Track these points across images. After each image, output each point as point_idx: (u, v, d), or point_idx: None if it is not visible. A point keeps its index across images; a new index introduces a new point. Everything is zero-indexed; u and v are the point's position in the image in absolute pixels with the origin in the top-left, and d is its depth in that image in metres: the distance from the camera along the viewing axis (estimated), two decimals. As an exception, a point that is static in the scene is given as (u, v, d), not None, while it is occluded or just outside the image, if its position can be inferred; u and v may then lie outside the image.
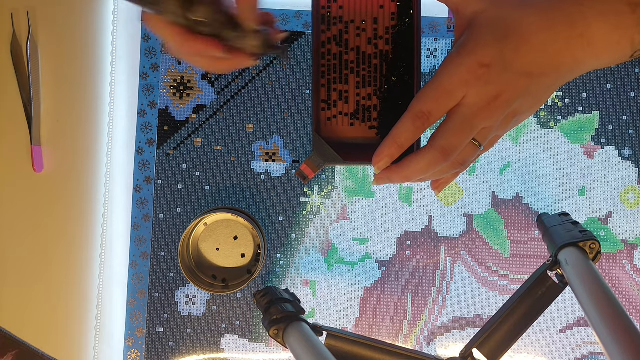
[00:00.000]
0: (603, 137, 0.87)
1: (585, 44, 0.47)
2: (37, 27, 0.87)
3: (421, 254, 0.87)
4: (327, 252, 0.87)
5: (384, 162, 0.50)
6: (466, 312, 0.87)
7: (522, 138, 0.87)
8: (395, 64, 0.53)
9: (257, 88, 0.87)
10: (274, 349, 0.87)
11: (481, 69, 0.47)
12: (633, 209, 0.86)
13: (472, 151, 0.50)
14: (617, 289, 0.86)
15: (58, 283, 0.88)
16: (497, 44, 0.47)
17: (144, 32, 0.88)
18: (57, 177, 0.88)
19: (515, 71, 0.47)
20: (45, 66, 0.88)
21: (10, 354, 0.60)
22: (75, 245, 0.88)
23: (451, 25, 0.87)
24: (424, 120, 0.48)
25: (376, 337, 0.86)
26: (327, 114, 0.54)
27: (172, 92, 0.88)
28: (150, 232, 0.87)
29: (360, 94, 0.54)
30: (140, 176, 0.87)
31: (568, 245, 0.66)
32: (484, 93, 0.47)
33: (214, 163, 0.87)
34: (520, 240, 0.87)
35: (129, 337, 0.87)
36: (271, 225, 0.87)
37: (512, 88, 0.47)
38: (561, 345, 0.86)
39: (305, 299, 0.87)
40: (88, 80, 0.88)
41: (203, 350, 0.87)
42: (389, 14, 0.53)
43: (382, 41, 0.53)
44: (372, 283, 0.87)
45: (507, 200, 0.87)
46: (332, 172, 0.87)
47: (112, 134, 0.87)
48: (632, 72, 0.87)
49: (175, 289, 0.87)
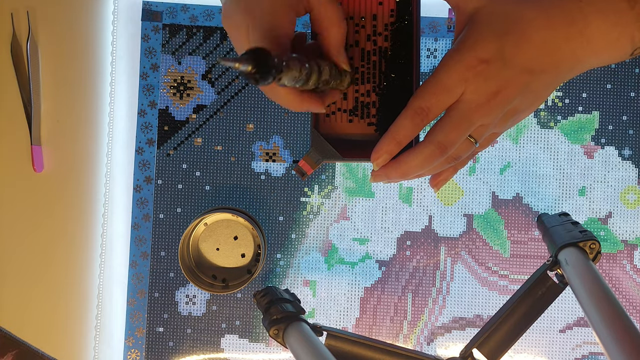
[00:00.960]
0: (603, 137, 0.87)
1: (584, 41, 0.47)
2: (37, 27, 0.88)
3: (421, 254, 0.87)
4: (327, 252, 0.87)
5: (382, 158, 0.50)
6: (466, 312, 0.87)
7: (522, 138, 0.87)
8: (394, 61, 0.53)
9: (257, 88, 0.87)
10: (274, 349, 0.87)
11: (481, 65, 0.47)
12: (633, 209, 0.86)
13: (467, 147, 0.50)
14: (617, 289, 0.86)
15: (58, 283, 0.88)
16: (497, 40, 0.47)
17: (144, 32, 0.88)
18: (57, 177, 0.88)
19: (515, 67, 0.47)
20: (45, 66, 0.88)
21: (10, 354, 0.60)
22: (75, 245, 0.88)
23: (451, 25, 0.87)
24: (423, 116, 0.48)
25: (376, 337, 0.86)
26: (326, 110, 0.54)
27: (172, 92, 0.88)
28: (150, 232, 0.87)
29: (359, 90, 0.54)
30: (140, 176, 0.87)
31: (568, 245, 0.66)
32: (483, 89, 0.47)
33: (214, 163, 0.87)
34: (520, 240, 0.87)
35: (129, 337, 0.87)
36: (271, 225, 0.87)
37: (511, 84, 0.47)
38: (561, 345, 0.86)
39: (305, 299, 0.87)
40: (88, 80, 0.88)
41: (203, 350, 0.87)
42: (388, 11, 0.53)
43: (381, 38, 0.53)
44: (372, 283, 0.87)
45: (507, 200, 0.87)
46: (332, 172, 0.87)
47: (112, 134, 0.87)
48: (632, 72, 0.87)
49: (175, 289, 0.87)
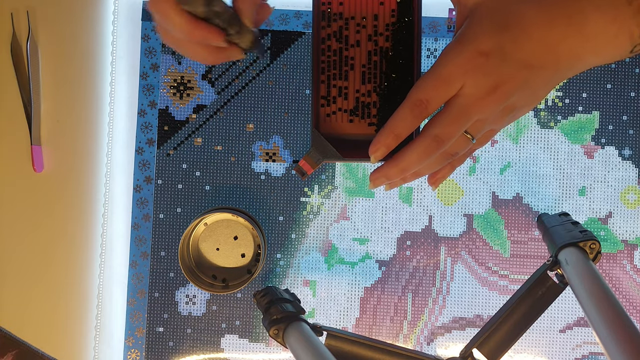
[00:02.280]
0: (603, 137, 0.87)
1: (583, 38, 0.47)
2: (37, 27, 0.88)
3: (421, 254, 0.87)
4: (327, 252, 0.87)
5: (380, 151, 0.50)
6: (466, 312, 0.87)
7: (522, 138, 0.87)
8: (395, 61, 0.53)
9: (257, 88, 0.87)
10: (274, 349, 0.87)
11: (480, 58, 0.47)
12: (633, 209, 0.86)
13: (464, 143, 0.50)
14: (617, 289, 0.86)
15: (58, 283, 0.88)
16: (497, 34, 0.47)
17: (144, 32, 0.88)
18: (57, 177, 0.88)
19: (515, 62, 0.47)
20: (45, 66, 0.88)
21: (10, 354, 0.60)
22: (75, 245, 0.88)
23: (451, 25, 0.87)
24: (422, 109, 0.48)
25: (376, 337, 0.86)
26: (327, 110, 0.54)
27: (172, 92, 0.88)
28: (150, 232, 0.87)
29: (360, 90, 0.54)
30: (140, 176, 0.87)
31: (568, 245, 0.66)
32: (482, 83, 0.47)
33: (214, 163, 0.87)
34: (520, 240, 0.87)
35: (129, 337, 0.87)
36: (271, 225, 0.87)
37: (510, 79, 0.47)
38: (561, 345, 0.86)
39: (305, 299, 0.87)
40: (88, 80, 0.88)
41: (203, 350, 0.87)
42: (389, 11, 0.53)
43: (382, 38, 0.53)
44: (372, 283, 0.87)
45: (507, 200, 0.87)
46: (332, 172, 0.87)
47: (112, 134, 0.87)
48: (632, 72, 0.87)
49: (175, 289, 0.87)
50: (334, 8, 0.54)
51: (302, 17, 0.87)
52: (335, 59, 0.54)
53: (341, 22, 0.54)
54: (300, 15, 0.87)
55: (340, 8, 0.54)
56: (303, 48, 0.87)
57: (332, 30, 0.54)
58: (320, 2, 0.54)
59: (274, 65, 0.87)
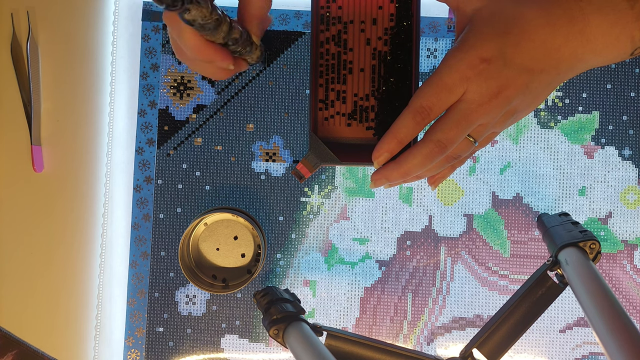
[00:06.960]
0: (603, 137, 0.87)
1: (584, 40, 0.47)
2: (37, 27, 0.87)
3: (421, 254, 0.87)
4: (327, 252, 0.87)
5: (383, 157, 0.50)
6: (466, 312, 0.87)
7: (522, 138, 0.87)
8: (393, 65, 0.53)
9: (257, 88, 0.87)
10: (274, 349, 0.87)
11: (482, 64, 0.47)
12: (633, 209, 0.86)
13: (466, 146, 0.51)
14: (617, 289, 0.86)
15: (58, 283, 0.88)
16: (497, 39, 0.47)
17: (144, 32, 0.88)
18: (57, 177, 0.88)
19: (516, 67, 0.47)
20: (45, 66, 0.88)
21: (10, 354, 0.60)
22: (75, 245, 0.88)
23: (451, 25, 0.87)
24: (424, 115, 0.48)
25: (376, 337, 0.86)
26: (325, 114, 0.54)
27: (172, 92, 0.88)
28: (150, 232, 0.87)
29: (358, 94, 0.54)
30: (140, 176, 0.87)
31: (568, 245, 0.66)
32: (484, 89, 0.47)
33: (214, 163, 0.87)
34: (520, 240, 0.87)
35: (129, 337, 0.87)
36: (271, 225, 0.87)
37: (512, 84, 0.47)
38: (561, 345, 0.86)
39: (305, 299, 0.87)
40: (88, 80, 0.88)
41: (203, 350, 0.87)
42: (388, 15, 0.53)
43: (381, 42, 0.53)
44: (372, 283, 0.87)
45: (507, 200, 0.87)
46: (332, 172, 0.87)
47: (112, 134, 0.87)
48: (632, 72, 0.87)
49: (175, 289, 0.87)
50: (333, 12, 0.54)
51: (302, 17, 0.87)
52: (334, 62, 0.54)
53: (340, 25, 0.54)
54: (300, 15, 0.87)
55: (339, 12, 0.54)
56: (303, 48, 0.87)
57: (331, 33, 0.54)
58: (319, 5, 0.54)
59: (274, 65, 0.87)
